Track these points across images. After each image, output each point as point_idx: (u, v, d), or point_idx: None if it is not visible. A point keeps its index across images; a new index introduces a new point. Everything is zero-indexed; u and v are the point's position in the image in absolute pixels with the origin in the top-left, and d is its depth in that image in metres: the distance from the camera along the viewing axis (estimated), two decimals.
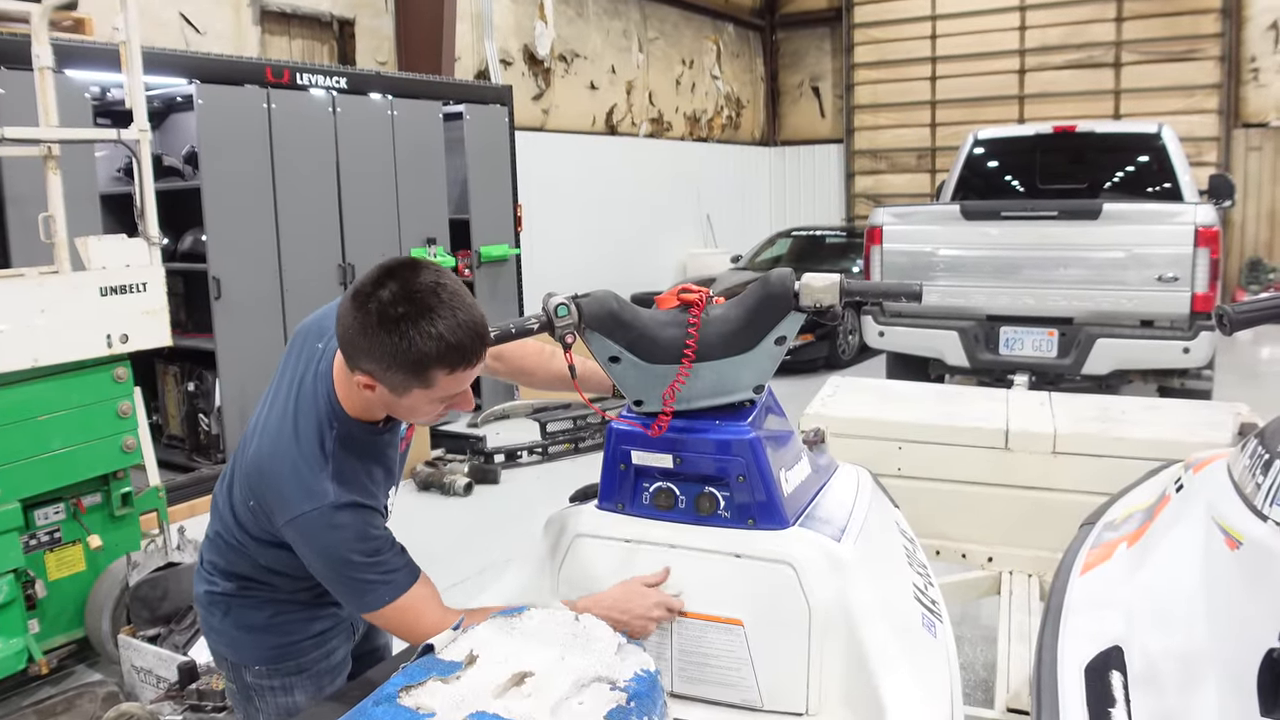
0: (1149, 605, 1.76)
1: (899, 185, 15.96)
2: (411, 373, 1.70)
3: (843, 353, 10.31)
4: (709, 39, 15.61)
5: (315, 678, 2.10)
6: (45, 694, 3.81)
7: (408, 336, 1.65)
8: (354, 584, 1.80)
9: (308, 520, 1.77)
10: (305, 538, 1.79)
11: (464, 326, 1.69)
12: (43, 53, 3.90)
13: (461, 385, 1.76)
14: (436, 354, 1.67)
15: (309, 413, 1.86)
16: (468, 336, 1.69)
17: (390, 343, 1.66)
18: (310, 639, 2.07)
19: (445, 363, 1.69)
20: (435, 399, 1.77)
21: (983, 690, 3.57)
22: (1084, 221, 6.27)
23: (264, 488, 1.82)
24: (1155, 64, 13.97)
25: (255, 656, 2.07)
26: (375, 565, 1.79)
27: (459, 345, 1.68)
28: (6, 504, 3.61)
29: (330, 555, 1.79)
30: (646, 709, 1.39)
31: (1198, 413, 3.53)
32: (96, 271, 3.92)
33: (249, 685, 2.10)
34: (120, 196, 6.17)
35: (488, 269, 8.62)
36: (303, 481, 1.78)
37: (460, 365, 1.71)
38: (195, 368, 6.85)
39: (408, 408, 1.80)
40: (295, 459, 1.80)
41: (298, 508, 1.77)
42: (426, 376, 1.70)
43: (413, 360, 1.67)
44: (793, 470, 1.97)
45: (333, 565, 1.79)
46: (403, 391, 1.74)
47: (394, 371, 1.70)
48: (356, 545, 1.78)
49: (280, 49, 8.85)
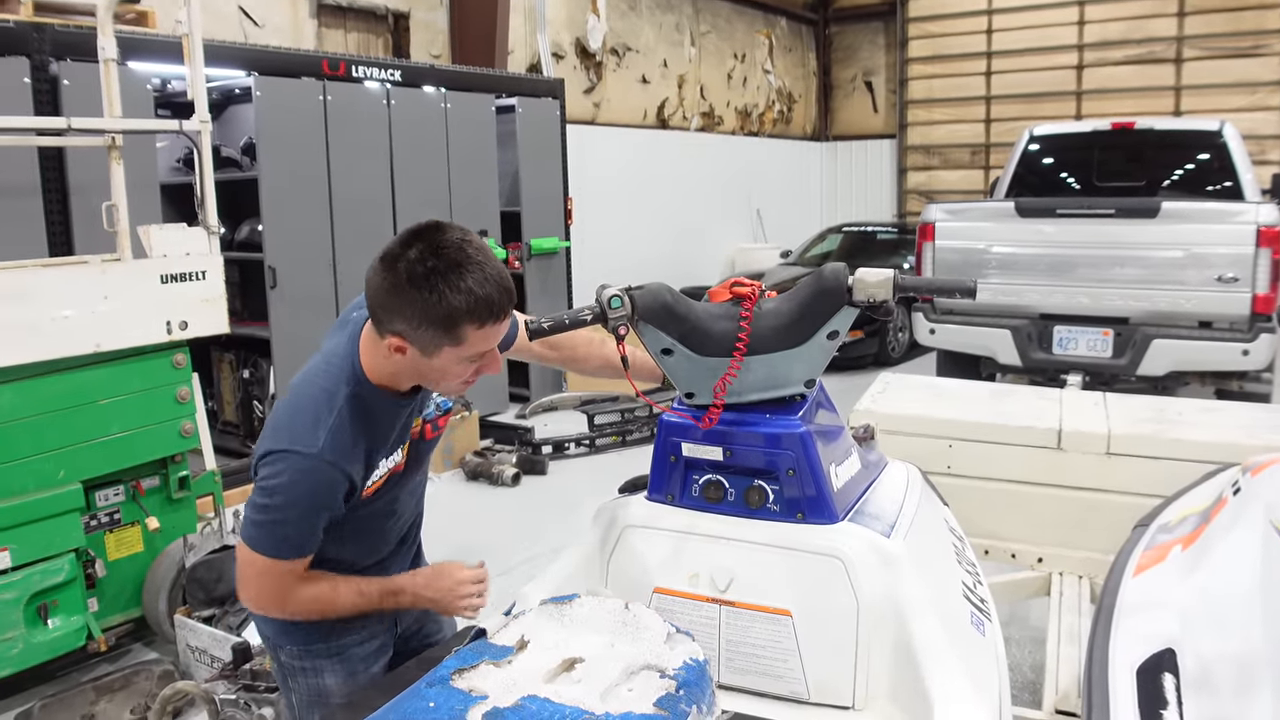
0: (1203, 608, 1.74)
1: (952, 181, 15.78)
2: (442, 328, 1.72)
3: (893, 350, 10.24)
4: (761, 33, 15.54)
5: (347, 662, 2.12)
6: (103, 671, 3.89)
7: (438, 290, 1.69)
8: (250, 510, 1.85)
9: (286, 459, 1.79)
10: (271, 472, 1.81)
11: (492, 280, 1.72)
12: (107, 45, 3.98)
13: (490, 342, 1.78)
14: (466, 308, 1.70)
15: (330, 372, 1.89)
16: (496, 290, 1.72)
17: (420, 299, 1.70)
18: (343, 623, 2.08)
19: (475, 317, 1.72)
20: (464, 357, 1.79)
21: (1030, 692, 3.53)
22: (1142, 220, 6.17)
23: (265, 432, 1.86)
24: (1218, 60, 13.68)
25: (288, 638, 2.10)
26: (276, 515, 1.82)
27: (488, 298, 1.71)
28: (69, 485, 3.71)
29: (265, 488, 1.82)
30: (695, 697, 1.40)
31: (1256, 416, 3.47)
32: (157, 259, 4.00)
33: (283, 665, 2.15)
34: (179, 186, 6.27)
35: (538, 261, 8.67)
36: (299, 423, 1.81)
37: (489, 319, 1.74)
38: (250, 355, 6.97)
39: (438, 370, 1.81)
40: (300, 407, 1.84)
41: (282, 443, 1.80)
42: (457, 332, 1.73)
43: (443, 315, 1.71)
44: (842, 465, 1.96)
45: (256, 494, 1.84)
46: (433, 350, 1.76)
47: (424, 328, 1.73)
48: (289, 493, 1.80)
49: (336, 42, 8.96)
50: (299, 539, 1.86)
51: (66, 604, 3.67)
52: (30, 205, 5.19)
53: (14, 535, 3.52)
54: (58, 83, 5.24)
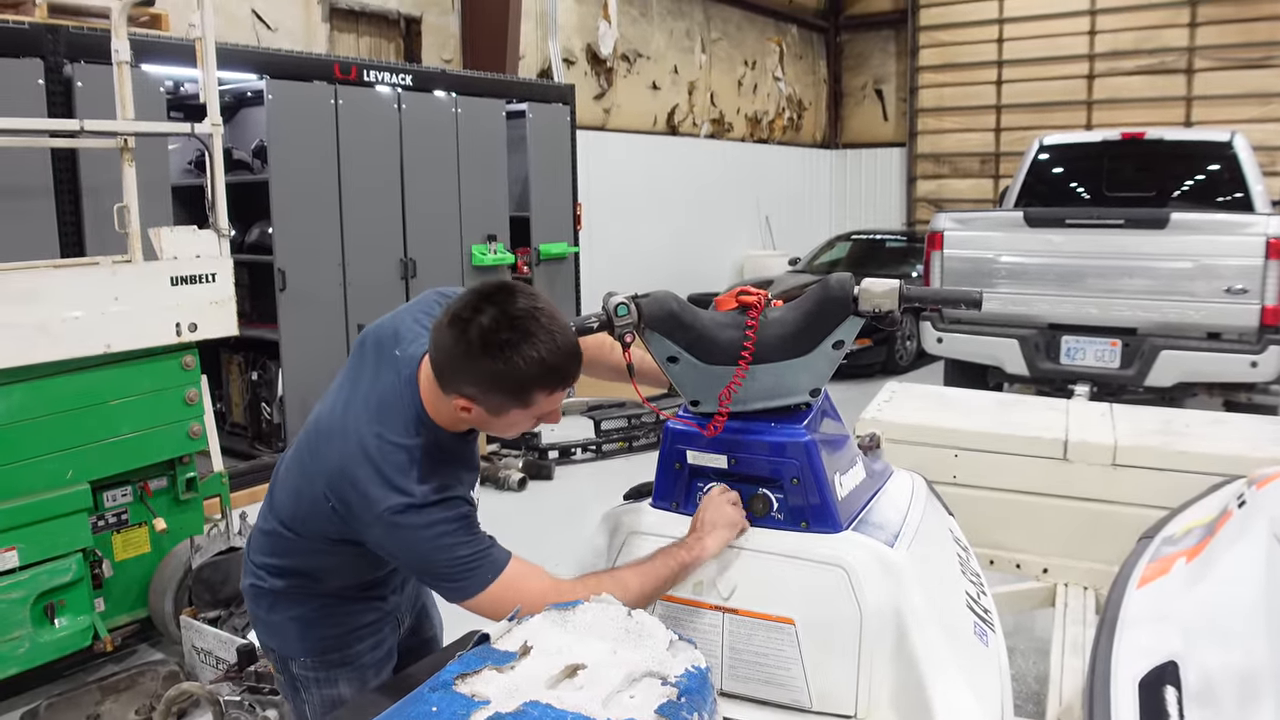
0: (1207, 621, 1.74)
1: (962, 190, 15.76)
2: (512, 395, 1.76)
3: (900, 359, 10.22)
4: (772, 40, 15.55)
5: (360, 670, 2.12)
6: (109, 671, 3.91)
7: (511, 361, 1.71)
8: (450, 573, 1.80)
9: (396, 517, 1.78)
10: (393, 534, 1.80)
11: (563, 349, 1.75)
12: (121, 47, 4.00)
13: (556, 404, 1.83)
14: (538, 376, 1.74)
15: (395, 420, 1.86)
16: (566, 359, 1.76)
17: (493, 368, 1.72)
18: (355, 631, 2.10)
19: (546, 384, 1.77)
20: (531, 416, 1.83)
21: (1034, 703, 3.53)
22: (1151, 230, 6.16)
23: (347, 489, 1.82)
24: (1229, 70, 13.64)
25: (301, 649, 2.10)
26: (468, 551, 1.79)
27: (558, 368, 1.75)
28: (77, 485, 3.72)
29: (420, 549, 1.80)
30: (697, 705, 1.40)
31: (1264, 428, 3.46)
32: (168, 261, 4.01)
33: (295, 677, 2.14)
34: (191, 189, 6.30)
35: (546, 267, 8.68)
36: (389, 481, 1.79)
37: (559, 386, 1.79)
38: (259, 357, 6.99)
39: (503, 424, 1.85)
40: (381, 461, 1.81)
41: (384, 503, 1.78)
42: (527, 399, 1.77)
43: (516, 384, 1.74)
44: (847, 474, 1.97)
45: (425, 558, 1.81)
46: (501, 412, 1.80)
47: (495, 394, 1.76)
48: (447, 535, 1.79)
49: (348, 46, 8.99)
50: (488, 540, 1.84)
51: (73, 604, 3.68)
52: (43, 206, 5.22)
53: (22, 535, 3.53)
54: (71, 84, 5.28)
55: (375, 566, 2.06)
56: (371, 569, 2.06)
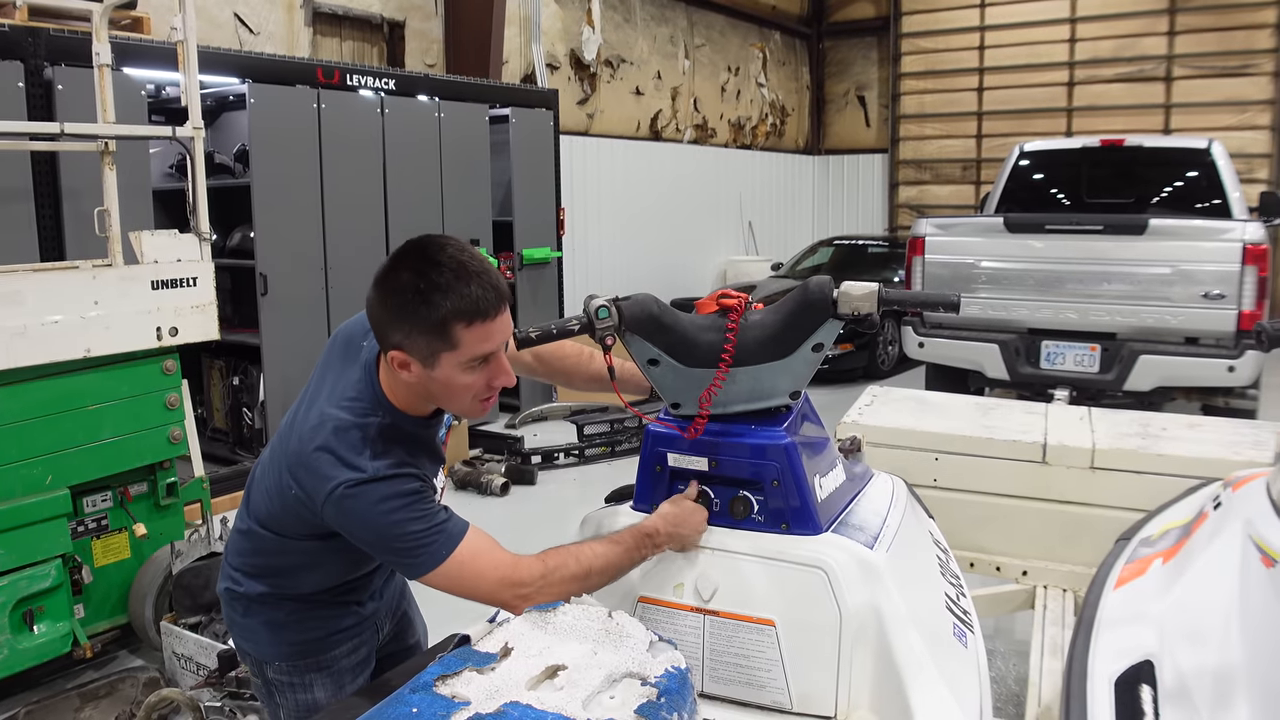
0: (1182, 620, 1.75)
1: (943, 196, 15.85)
2: (434, 333, 1.74)
3: (882, 363, 10.26)
4: (755, 46, 15.60)
5: (336, 675, 2.11)
6: (88, 678, 3.89)
7: (422, 294, 1.72)
8: (405, 549, 1.78)
9: (348, 491, 1.76)
10: (346, 510, 1.78)
11: (475, 278, 1.74)
12: (102, 50, 3.99)
13: (485, 344, 1.78)
14: (452, 307, 1.72)
15: (353, 403, 1.87)
16: (480, 287, 1.74)
17: (410, 306, 1.73)
18: (332, 636, 2.09)
19: (462, 315, 1.73)
20: (463, 363, 1.78)
21: (1014, 705, 3.55)
22: (1130, 236, 6.22)
23: (305, 472, 1.81)
24: (1207, 79, 13.78)
25: (275, 653, 2.09)
26: (422, 526, 1.77)
27: (471, 296, 1.73)
28: (56, 490, 3.70)
29: (375, 524, 1.77)
30: (676, 705, 1.41)
31: (1241, 432, 3.49)
32: (149, 265, 4.00)
33: (270, 681, 2.13)
34: (172, 192, 6.29)
35: (529, 271, 8.69)
36: (342, 459, 1.78)
37: (477, 318, 1.74)
38: (241, 362, 6.96)
39: (443, 382, 1.80)
40: (336, 442, 1.80)
41: (336, 480, 1.77)
42: (449, 335, 1.74)
43: (432, 319, 1.72)
44: (827, 477, 1.98)
45: (380, 534, 1.78)
46: (432, 360, 1.77)
47: (417, 335, 1.75)
48: (400, 510, 1.77)
49: (331, 50, 8.97)
50: (444, 514, 1.82)
51: (52, 610, 3.66)
52: (22, 209, 5.18)
53: (0, 540, 3.52)
54: (51, 87, 5.25)
55: (349, 567, 2.05)
56: (345, 569, 2.05)
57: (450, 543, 1.78)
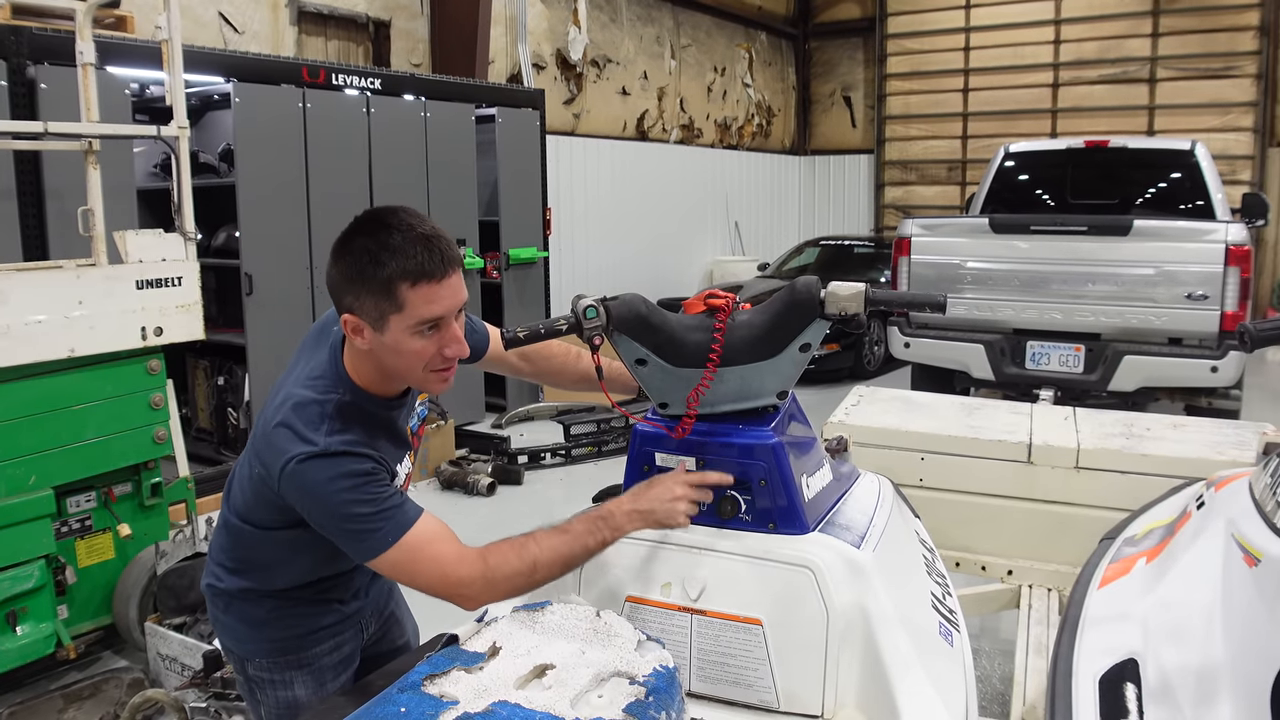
0: (1166, 619, 1.76)
1: (929, 197, 15.91)
2: (381, 293, 1.76)
3: (868, 363, 10.29)
4: (741, 47, 15.62)
5: (317, 673, 2.10)
6: (72, 679, 3.87)
7: (370, 253, 1.76)
8: (352, 530, 1.76)
9: (300, 465, 1.76)
10: (299, 486, 1.77)
11: (421, 239, 1.77)
12: (86, 49, 3.97)
13: (432, 306, 1.78)
14: (398, 267, 1.75)
15: (316, 381, 1.89)
16: (426, 249, 1.77)
17: (358, 267, 1.77)
18: (313, 633, 2.08)
19: (407, 275, 1.75)
20: (412, 326, 1.78)
21: (999, 703, 3.57)
22: (1114, 237, 6.25)
23: (265, 447, 1.82)
24: (1191, 80, 13.86)
25: (255, 650, 2.09)
26: (370, 509, 1.75)
27: (415, 255, 1.75)
28: (40, 491, 3.68)
29: (325, 501, 1.76)
30: (664, 704, 1.42)
31: (1223, 431, 3.52)
32: (133, 265, 3.98)
33: (251, 678, 2.12)
34: (157, 192, 6.26)
35: (516, 271, 8.68)
36: (298, 434, 1.79)
37: (422, 278, 1.76)
38: (225, 362, 6.94)
39: (393, 348, 1.81)
40: (295, 418, 1.81)
41: (290, 453, 1.77)
42: (394, 295, 1.76)
43: (379, 280, 1.75)
44: (814, 476, 1.99)
45: (329, 512, 1.77)
46: (382, 324, 1.79)
47: (366, 297, 1.77)
48: (349, 490, 1.75)
49: (316, 49, 8.95)
50: (397, 499, 1.80)
51: (36, 611, 3.64)
52: (5, 209, 5.16)
53: None
54: (35, 86, 5.22)
55: (324, 561, 2.02)
56: (320, 563, 2.03)
57: (398, 530, 1.76)
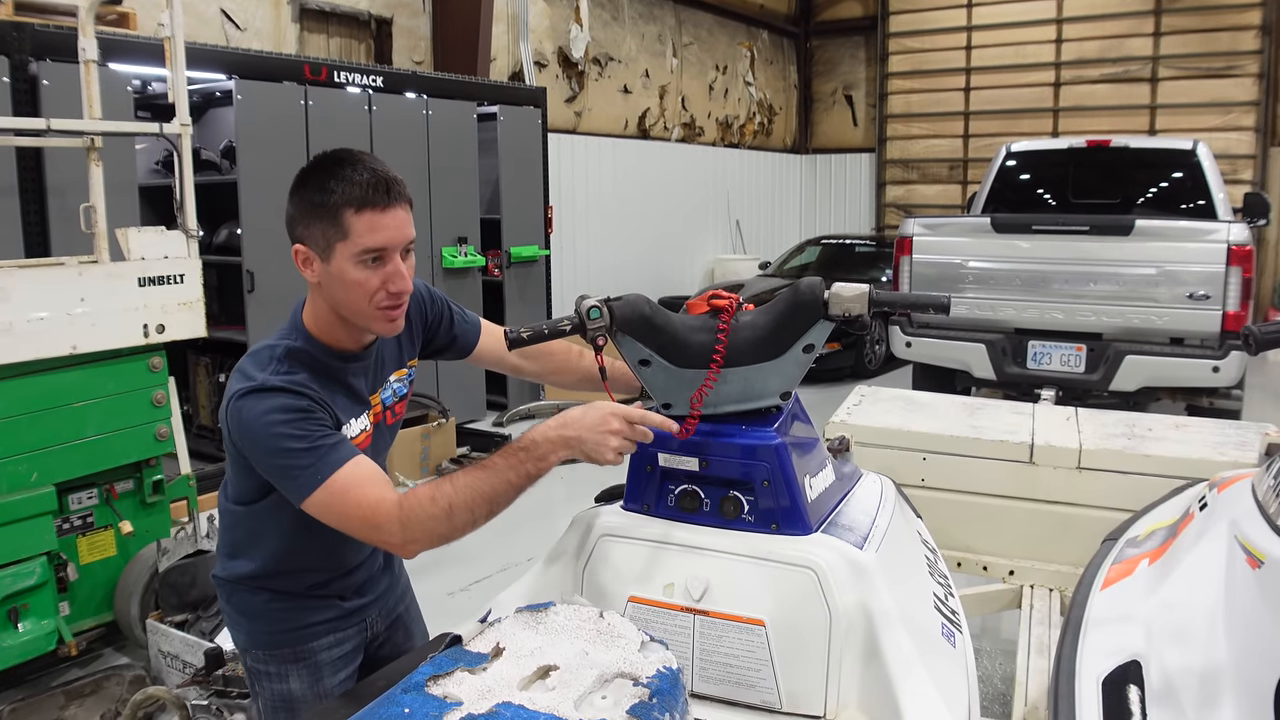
0: (1169, 621, 1.76)
1: (930, 196, 15.91)
2: (327, 220, 1.82)
3: (869, 363, 10.28)
4: (743, 45, 15.61)
5: (313, 668, 2.10)
6: (74, 675, 3.87)
7: (320, 184, 1.83)
8: (284, 466, 1.77)
9: (240, 400, 1.80)
10: (239, 422, 1.80)
11: (367, 169, 1.84)
12: (88, 46, 3.97)
13: (375, 235, 1.83)
14: (344, 194, 1.81)
15: (276, 333, 1.95)
16: (370, 175, 1.83)
17: (308, 195, 1.84)
18: (310, 627, 2.08)
19: (352, 201, 1.81)
20: (356, 255, 1.82)
21: (1001, 704, 3.57)
22: (1116, 237, 6.25)
23: (224, 402, 1.88)
24: (1192, 80, 13.86)
25: (252, 641, 2.10)
26: (302, 445, 1.76)
27: (360, 183, 1.82)
28: (41, 488, 3.69)
29: (259, 434, 1.78)
30: (668, 705, 1.41)
31: (1225, 432, 3.51)
32: (135, 262, 3.98)
33: (250, 669, 2.14)
34: (158, 189, 6.26)
35: (517, 269, 8.67)
36: (245, 373, 1.85)
37: (366, 205, 1.82)
38: (227, 359, 6.94)
39: (338, 277, 1.85)
40: (247, 363, 1.88)
41: (234, 389, 1.82)
42: (339, 221, 1.81)
43: (326, 205, 1.81)
44: (817, 477, 1.98)
45: (263, 446, 1.79)
46: (328, 253, 1.84)
47: (314, 224, 1.84)
48: (283, 424, 1.77)
49: (318, 47, 8.94)
50: (331, 440, 1.80)
51: (37, 607, 3.65)
52: (7, 206, 5.16)
53: None
54: (37, 83, 5.22)
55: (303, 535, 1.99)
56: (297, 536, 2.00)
57: (326, 469, 1.76)
